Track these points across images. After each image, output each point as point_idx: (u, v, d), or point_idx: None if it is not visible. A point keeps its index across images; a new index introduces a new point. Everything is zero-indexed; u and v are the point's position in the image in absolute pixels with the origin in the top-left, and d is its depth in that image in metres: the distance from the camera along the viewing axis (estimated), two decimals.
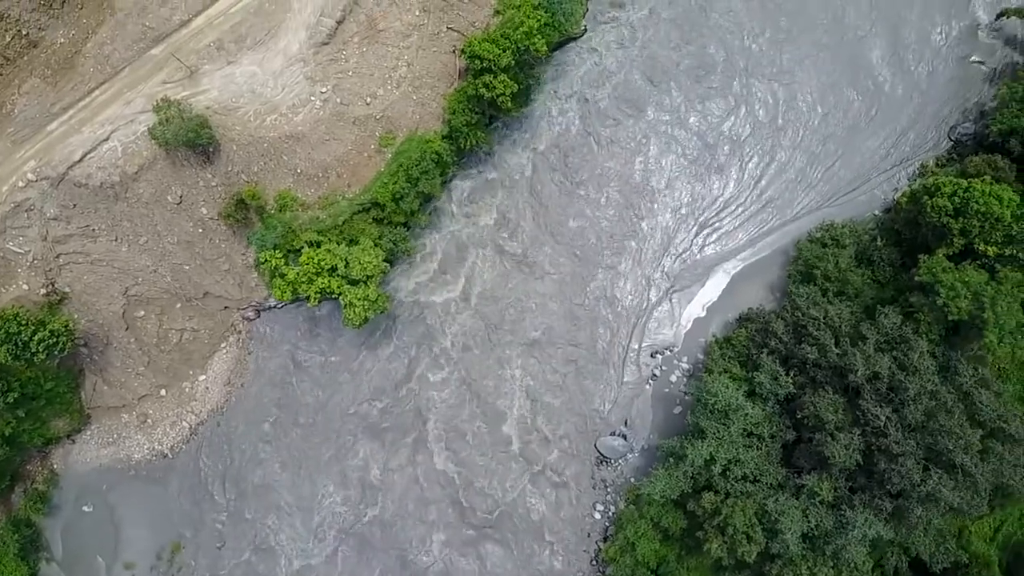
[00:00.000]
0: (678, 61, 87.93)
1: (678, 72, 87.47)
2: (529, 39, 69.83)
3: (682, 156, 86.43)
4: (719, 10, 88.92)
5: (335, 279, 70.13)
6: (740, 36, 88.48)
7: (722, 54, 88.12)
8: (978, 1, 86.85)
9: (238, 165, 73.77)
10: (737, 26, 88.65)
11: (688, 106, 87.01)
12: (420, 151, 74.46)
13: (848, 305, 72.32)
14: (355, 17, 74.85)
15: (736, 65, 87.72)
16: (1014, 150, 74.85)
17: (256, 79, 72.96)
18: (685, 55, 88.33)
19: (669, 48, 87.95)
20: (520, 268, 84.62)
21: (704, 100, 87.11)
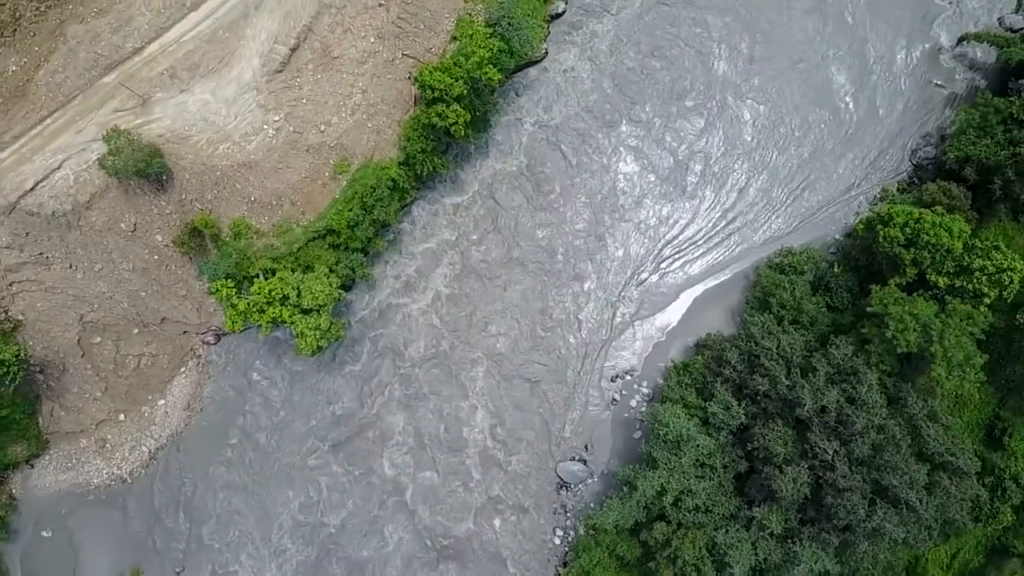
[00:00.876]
0: (646, 81, 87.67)
1: (645, 92, 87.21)
2: (481, 69, 69.53)
3: (650, 177, 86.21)
4: (688, 25, 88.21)
5: (287, 309, 69.90)
6: (712, 54, 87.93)
7: (693, 72, 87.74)
8: (939, 25, 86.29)
9: (192, 193, 73.53)
10: (708, 43, 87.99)
11: (656, 126, 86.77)
12: (376, 178, 74.28)
13: (803, 334, 72.18)
14: (309, 44, 74.50)
15: (707, 84, 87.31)
16: (969, 178, 74.55)
17: (209, 107, 72.67)
18: (654, 74, 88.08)
19: (638, 67, 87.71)
20: (482, 290, 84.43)
21: (674, 119, 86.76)
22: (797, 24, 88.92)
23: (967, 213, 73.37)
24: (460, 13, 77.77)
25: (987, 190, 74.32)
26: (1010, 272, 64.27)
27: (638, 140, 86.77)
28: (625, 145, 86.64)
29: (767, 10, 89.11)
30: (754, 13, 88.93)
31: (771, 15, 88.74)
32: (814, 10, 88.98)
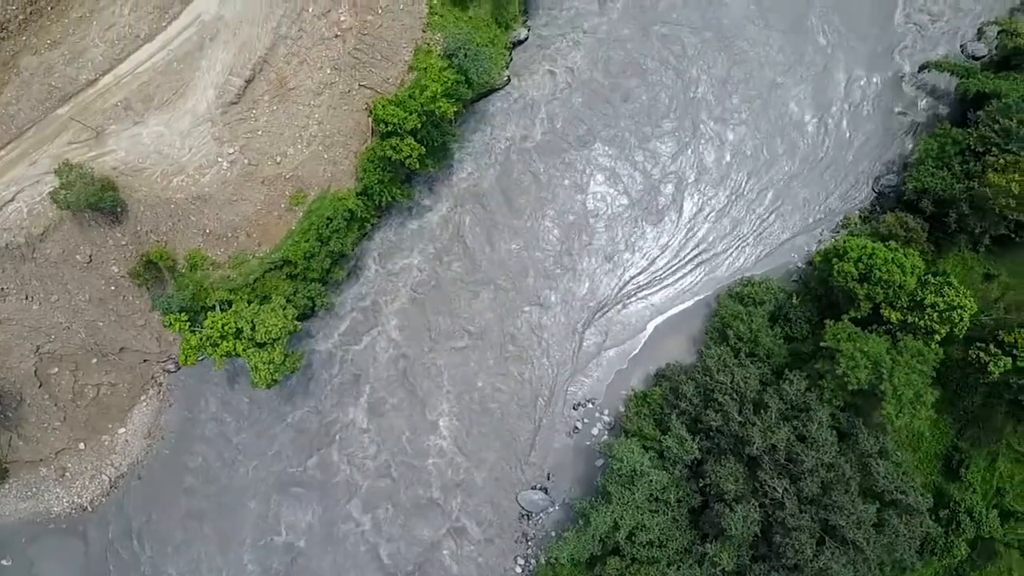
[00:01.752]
0: (615, 103, 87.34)
1: (617, 113, 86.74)
2: (435, 103, 69.27)
3: (621, 200, 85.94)
4: (662, 44, 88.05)
5: (240, 342, 69.66)
6: (687, 75, 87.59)
7: (664, 92, 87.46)
8: (902, 52, 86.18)
9: (146, 225, 73.32)
10: (684, 63, 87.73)
11: (627, 147, 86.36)
12: (333, 209, 74.09)
13: (759, 367, 72.13)
14: (265, 75, 74.27)
15: (681, 105, 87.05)
16: (926, 210, 74.49)
17: (163, 140, 72.45)
18: (624, 96, 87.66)
19: (606, 89, 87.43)
20: (446, 315, 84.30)
21: (646, 141, 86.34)
22: (776, 44, 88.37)
23: (923, 246, 73.33)
24: (418, 43, 77.46)
25: (943, 222, 74.12)
26: (960, 310, 64.20)
27: (611, 160, 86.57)
28: (597, 166, 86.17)
29: (745, 29, 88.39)
30: (731, 32, 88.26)
31: (749, 34, 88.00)
32: (792, 30, 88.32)
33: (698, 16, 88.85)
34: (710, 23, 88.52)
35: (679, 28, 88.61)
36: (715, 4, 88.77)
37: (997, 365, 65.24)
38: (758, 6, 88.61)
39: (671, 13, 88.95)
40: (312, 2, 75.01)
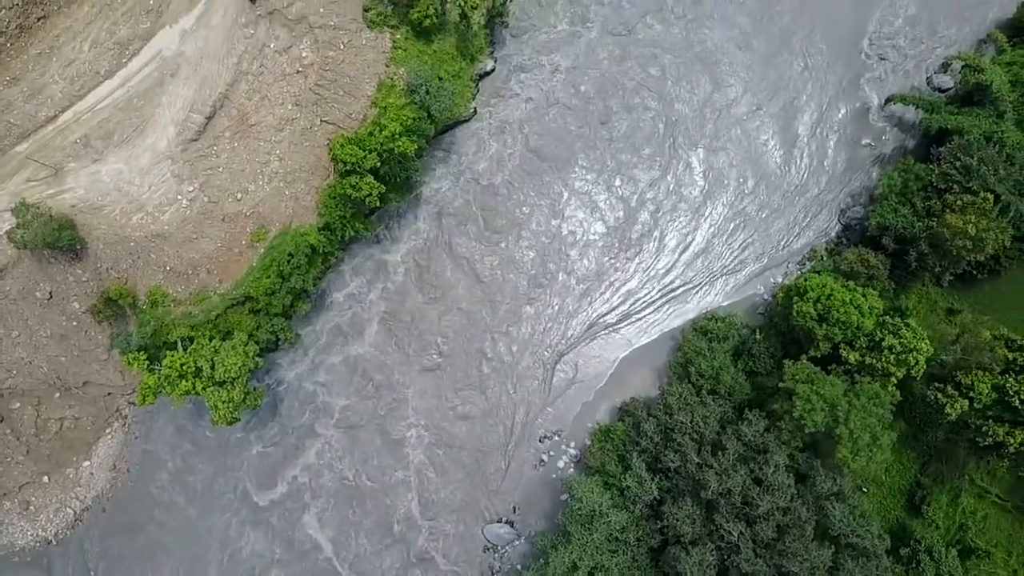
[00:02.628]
0: (591, 129, 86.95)
1: (588, 142, 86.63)
2: (394, 142, 69.09)
3: (596, 227, 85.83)
4: (642, 66, 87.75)
5: (200, 381, 69.48)
6: (667, 98, 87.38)
7: (643, 121, 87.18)
8: (868, 83, 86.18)
9: (106, 262, 73.07)
10: (663, 84, 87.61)
11: (600, 179, 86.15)
12: (294, 245, 73.87)
13: (720, 404, 72.14)
14: (226, 111, 74.06)
15: (659, 133, 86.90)
16: (888, 247, 74.47)
17: (122, 177, 72.24)
18: (601, 122, 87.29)
19: (583, 115, 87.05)
20: (412, 347, 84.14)
21: (622, 170, 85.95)
22: (758, 68, 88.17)
23: (884, 283, 73.26)
24: (382, 77, 77.22)
25: (905, 260, 74.13)
26: (916, 353, 64.15)
27: (585, 190, 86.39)
28: (570, 194, 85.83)
29: (727, 51, 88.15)
30: (714, 56, 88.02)
31: (732, 56, 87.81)
32: (776, 53, 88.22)
33: (681, 38, 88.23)
34: (692, 45, 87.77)
35: (658, 52, 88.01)
36: (698, 26, 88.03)
37: (954, 408, 65.23)
38: (741, 30, 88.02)
39: (650, 35, 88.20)
40: (274, 38, 74.79)
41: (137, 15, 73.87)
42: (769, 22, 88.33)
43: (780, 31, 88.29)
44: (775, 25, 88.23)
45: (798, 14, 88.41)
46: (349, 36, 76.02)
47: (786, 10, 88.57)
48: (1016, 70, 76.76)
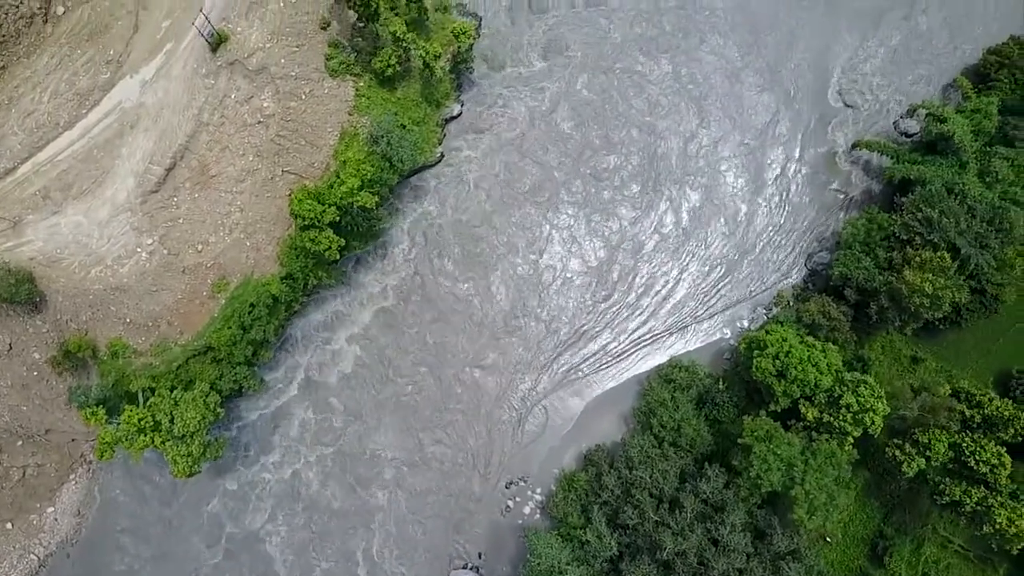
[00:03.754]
0: (564, 171, 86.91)
1: (560, 183, 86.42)
2: (352, 196, 68.88)
3: (573, 264, 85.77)
4: (629, 97, 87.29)
5: (159, 435, 69.16)
6: (655, 132, 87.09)
7: (627, 157, 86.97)
8: (836, 127, 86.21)
9: (66, 314, 72.74)
10: (653, 118, 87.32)
11: (570, 224, 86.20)
12: (256, 295, 73.55)
13: (681, 457, 72.11)
14: (187, 162, 73.79)
15: (647, 171, 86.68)
16: (850, 298, 74.46)
17: (82, 230, 71.90)
18: (579, 159, 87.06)
19: (563, 151, 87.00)
20: (380, 391, 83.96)
21: (599, 210, 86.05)
22: (747, 103, 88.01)
23: (846, 335, 73.23)
24: (344, 126, 76.99)
25: (866, 312, 74.14)
26: (872, 414, 64.13)
27: (563, 227, 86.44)
28: (547, 235, 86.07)
29: (718, 84, 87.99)
30: (703, 89, 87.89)
31: (721, 88, 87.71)
32: (766, 89, 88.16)
33: (669, 68, 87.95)
34: (680, 77, 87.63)
35: (645, 82, 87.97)
36: (688, 58, 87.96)
37: (911, 467, 65.25)
38: (732, 63, 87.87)
39: (632, 64, 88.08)
40: (235, 88, 74.50)
41: (97, 65, 73.50)
42: (744, 66, 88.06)
43: (755, 72, 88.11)
44: (748, 71, 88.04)
45: (781, 50, 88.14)
46: (311, 85, 75.77)
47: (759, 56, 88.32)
48: (979, 119, 76.76)
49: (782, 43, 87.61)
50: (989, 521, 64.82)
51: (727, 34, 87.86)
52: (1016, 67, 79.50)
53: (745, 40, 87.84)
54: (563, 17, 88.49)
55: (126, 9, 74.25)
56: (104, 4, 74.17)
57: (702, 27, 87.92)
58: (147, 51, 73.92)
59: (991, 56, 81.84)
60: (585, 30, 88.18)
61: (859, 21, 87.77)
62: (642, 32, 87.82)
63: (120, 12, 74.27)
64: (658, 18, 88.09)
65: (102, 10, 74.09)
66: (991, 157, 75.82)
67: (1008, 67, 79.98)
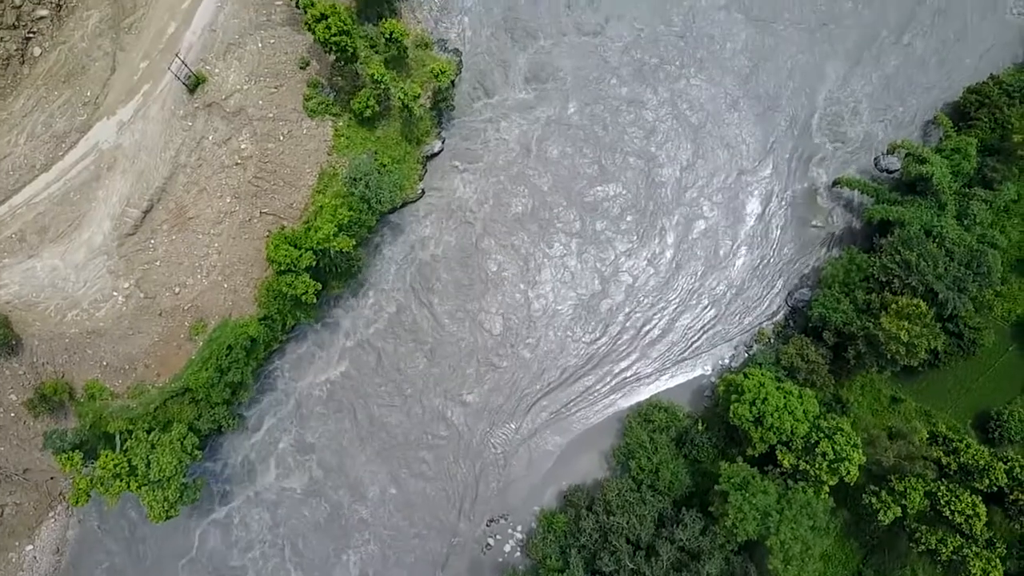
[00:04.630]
0: (552, 204, 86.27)
1: (546, 216, 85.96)
2: (329, 242, 68.69)
3: (567, 298, 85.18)
4: (621, 130, 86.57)
5: (135, 480, 68.90)
6: (650, 160, 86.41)
7: (623, 188, 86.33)
8: (817, 164, 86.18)
9: (42, 357, 72.52)
10: (649, 146, 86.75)
11: (561, 257, 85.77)
12: (234, 336, 73.30)
13: (659, 500, 72.07)
14: (164, 204, 73.59)
15: (641, 202, 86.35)
16: (828, 341, 74.42)
17: (58, 273, 71.66)
18: (572, 189, 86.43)
19: (554, 180, 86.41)
20: (360, 426, 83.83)
21: (592, 242, 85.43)
22: (747, 130, 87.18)
23: (824, 377, 73.21)
24: (323, 166, 76.84)
25: (844, 357, 74.11)
26: (847, 463, 64.09)
27: (554, 259, 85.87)
28: (544, 261, 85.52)
29: (719, 112, 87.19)
30: (701, 117, 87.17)
31: (723, 116, 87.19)
32: (755, 122, 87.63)
33: (667, 96, 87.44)
34: (677, 106, 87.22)
35: (638, 108, 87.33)
36: (687, 85, 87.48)
37: (887, 515, 65.23)
38: (728, 94, 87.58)
39: (622, 92, 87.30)
40: (212, 130, 74.30)
41: (74, 107, 73.29)
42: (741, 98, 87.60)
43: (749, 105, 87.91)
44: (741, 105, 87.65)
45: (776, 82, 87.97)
46: (289, 126, 75.58)
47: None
48: (958, 159, 76.74)
49: (771, 76, 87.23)
50: (965, 571, 64.80)
51: (724, 64, 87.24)
52: (996, 106, 79.40)
53: (737, 72, 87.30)
54: (552, 45, 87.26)
55: (103, 50, 73.87)
56: (82, 45, 73.78)
57: (700, 56, 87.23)
58: (125, 92, 73.65)
59: (971, 95, 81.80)
60: (577, 57, 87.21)
61: (842, 57, 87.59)
62: (639, 58, 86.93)
63: (98, 53, 73.92)
64: (654, 46, 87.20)
65: (79, 51, 73.72)
66: (970, 199, 75.80)
67: (988, 106, 79.88)
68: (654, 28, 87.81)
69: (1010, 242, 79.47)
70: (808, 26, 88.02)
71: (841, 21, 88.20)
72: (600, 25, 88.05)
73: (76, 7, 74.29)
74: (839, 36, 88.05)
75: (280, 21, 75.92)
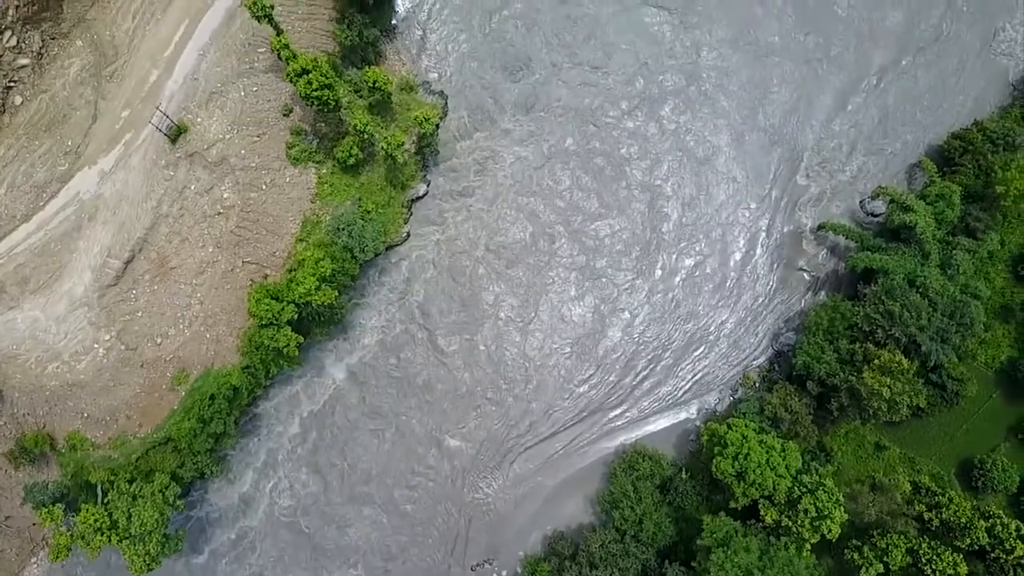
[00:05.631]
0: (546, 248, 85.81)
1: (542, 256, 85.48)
2: (311, 296, 68.43)
3: (564, 338, 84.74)
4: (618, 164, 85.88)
5: (116, 534, 68.52)
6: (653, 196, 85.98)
7: (623, 228, 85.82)
8: (804, 208, 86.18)
9: (23, 409, 72.21)
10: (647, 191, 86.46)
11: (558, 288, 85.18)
12: (216, 386, 72.94)
13: (643, 551, 72.04)
14: (145, 255, 73.27)
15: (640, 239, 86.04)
16: (812, 391, 74.40)
17: (38, 325, 71.30)
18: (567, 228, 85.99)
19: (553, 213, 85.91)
20: (344, 469, 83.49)
21: (591, 279, 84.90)
22: (750, 161, 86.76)
23: (808, 428, 73.20)
24: (306, 214, 76.59)
25: (827, 408, 74.09)
26: (829, 521, 64.07)
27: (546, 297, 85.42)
28: (534, 302, 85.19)
29: (722, 147, 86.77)
30: (706, 151, 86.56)
31: (729, 152, 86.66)
32: (770, 148, 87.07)
33: (672, 129, 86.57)
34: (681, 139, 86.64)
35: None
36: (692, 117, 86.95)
37: (869, 572, 65.21)
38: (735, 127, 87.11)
39: (620, 123, 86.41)
40: (194, 180, 74.03)
41: (55, 156, 72.96)
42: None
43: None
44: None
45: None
46: (272, 175, 75.32)
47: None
48: (942, 207, 76.79)
49: (768, 113, 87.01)
50: None
51: (727, 97, 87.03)
52: (979, 153, 79.45)
53: (737, 107, 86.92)
54: (546, 76, 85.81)
55: (85, 99, 73.52)
56: (63, 94, 73.43)
57: (705, 89, 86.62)
58: (106, 141, 73.32)
59: (955, 140, 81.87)
60: (575, 89, 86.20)
61: (829, 98, 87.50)
62: (642, 90, 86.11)
63: (79, 102, 73.57)
64: (660, 76, 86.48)
65: (61, 100, 73.39)
66: (953, 248, 75.86)
67: (972, 153, 79.93)
68: (660, 60, 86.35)
69: (994, 288, 79.61)
70: (806, 61, 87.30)
71: (830, 60, 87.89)
72: (604, 60, 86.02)
73: (57, 55, 73.84)
74: (827, 75, 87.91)
75: (263, 68, 75.57)
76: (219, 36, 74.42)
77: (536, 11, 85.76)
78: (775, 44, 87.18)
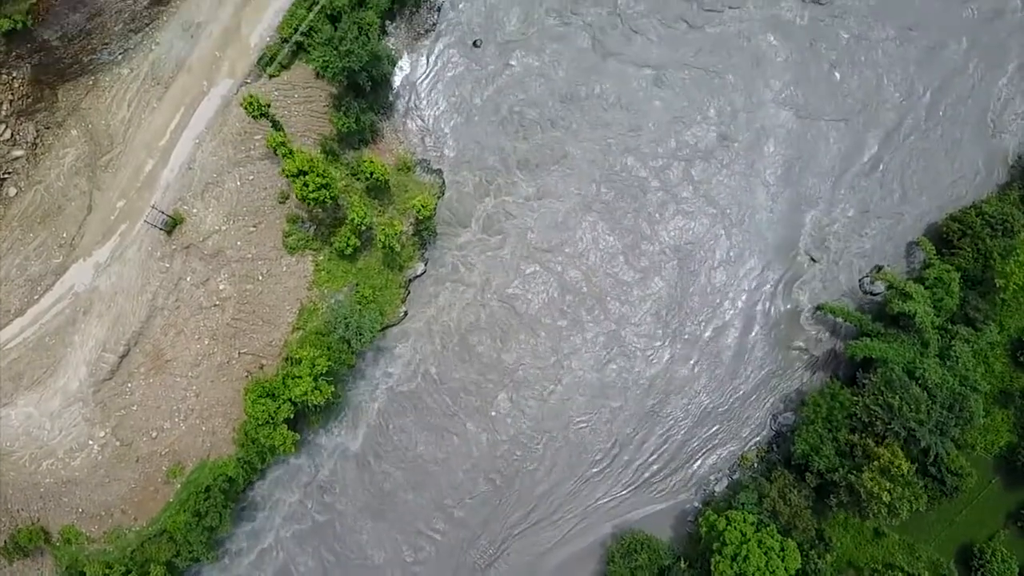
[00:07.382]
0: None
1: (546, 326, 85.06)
2: (306, 396, 68.05)
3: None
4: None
5: None
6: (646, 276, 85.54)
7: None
8: (802, 288, 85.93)
9: (17, 504, 71.75)
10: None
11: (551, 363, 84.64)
12: (212, 477, 72.64)
13: None
14: (141, 348, 72.79)
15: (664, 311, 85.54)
16: (811, 483, 74.18)
17: (32, 421, 70.81)
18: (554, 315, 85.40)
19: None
20: (335, 551, 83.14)
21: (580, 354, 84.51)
22: (764, 219, 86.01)
23: (807, 521, 72.99)
24: (303, 302, 76.23)
25: (826, 502, 73.89)
26: None
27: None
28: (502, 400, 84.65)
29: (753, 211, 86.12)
30: (736, 214, 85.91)
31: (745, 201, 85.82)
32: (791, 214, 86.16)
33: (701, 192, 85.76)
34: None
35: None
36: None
37: None
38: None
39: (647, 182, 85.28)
40: (190, 271, 73.61)
41: (50, 249, 72.46)
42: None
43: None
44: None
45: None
46: (268, 265, 74.95)
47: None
48: (941, 294, 76.55)
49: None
50: None
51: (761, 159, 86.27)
52: (978, 237, 79.26)
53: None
54: (565, 135, 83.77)
55: (80, 189, 73.08)
56: (58, 184, 72.99)
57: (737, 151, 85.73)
58: (101, 233, 72.86)
59: (953, 223, 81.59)
60: (596, 149, 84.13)
61: (826, 176, 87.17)
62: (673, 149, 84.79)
63: (74, 192, 73.14)
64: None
65: (56, 191, 72.93)
66: (952, 336, 75.64)
67: (970, 236, 79.74)
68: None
69: (993, 373, 79.43)
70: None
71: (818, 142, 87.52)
72: (637, 125, 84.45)
73: (52, 145, 73.39)
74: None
75: (259, 156, 75.20)
76: (215, 125, 73.97)
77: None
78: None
